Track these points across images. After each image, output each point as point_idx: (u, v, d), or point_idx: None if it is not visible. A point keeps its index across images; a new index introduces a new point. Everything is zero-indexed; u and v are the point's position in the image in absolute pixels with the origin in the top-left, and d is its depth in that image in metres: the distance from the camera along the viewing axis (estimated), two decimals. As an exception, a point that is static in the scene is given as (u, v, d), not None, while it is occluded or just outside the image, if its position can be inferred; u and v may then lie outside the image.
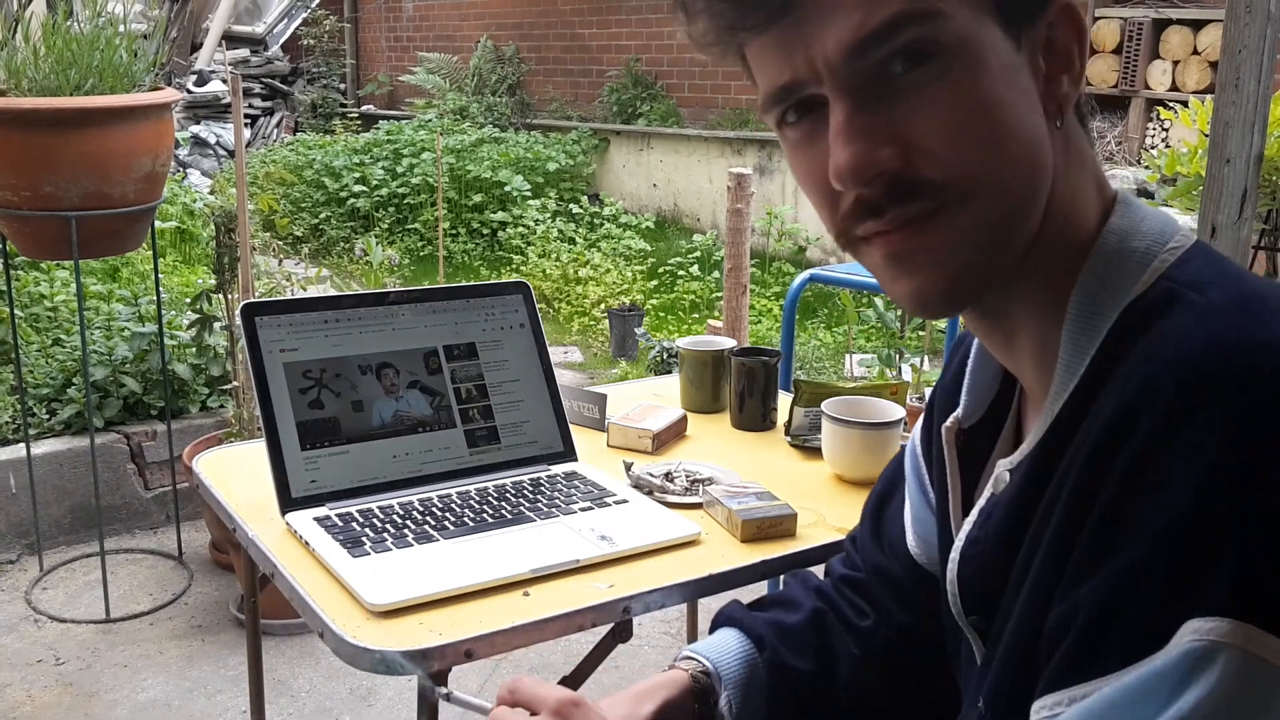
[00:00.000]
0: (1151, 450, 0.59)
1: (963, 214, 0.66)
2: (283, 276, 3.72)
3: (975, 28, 0.65)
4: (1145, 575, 0.58)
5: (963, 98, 0.65)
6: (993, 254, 0.68)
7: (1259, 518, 0.55)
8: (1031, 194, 0.67)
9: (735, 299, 3.02)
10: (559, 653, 2.51)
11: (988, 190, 0.66)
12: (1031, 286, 0.71)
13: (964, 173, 0.65)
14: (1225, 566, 0.55)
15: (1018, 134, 0.66)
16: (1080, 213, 0.70)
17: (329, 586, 1.15)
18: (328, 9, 11.08)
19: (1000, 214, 0.67)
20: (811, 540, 1.28)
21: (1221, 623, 0.55)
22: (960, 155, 0.65)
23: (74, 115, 2.41)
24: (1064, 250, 0.70)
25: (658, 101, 8.20)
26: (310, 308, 1.38)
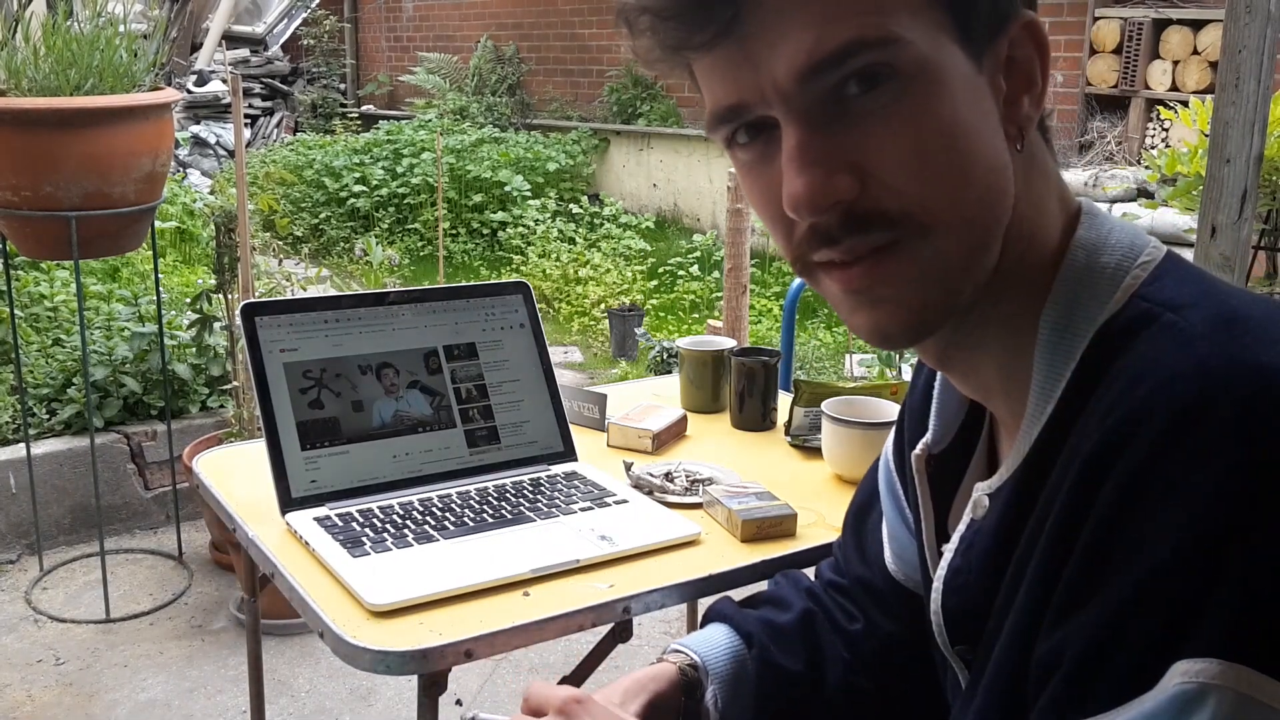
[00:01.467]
0: (1139, 484, 0.57)
1: (922, 248, 0.63)
2: (283, 276, 3.72)
3: (934, 49, 0.61)
4: (1135, 613, 0.57)
5: (922, 123, 0.62)
6: (954, 286, 0.66)
7: (1251, 556, 0.53)
8: (994, 224, 0.65)
9: (735, 299, 3.02)
10: (559, 653, 2.51)
11: (948, 223, 0.63)
12: (996, 310, 0.69)
13: (924, 205, 0.62)
14: (1216, 606, 0.54)
15: (980, 162, 0.63)
16: (1044, 230, 0.68)
17: (329, 586, 1.15)
18: (328, 9, 11.08)
19: (961, 248, 0.64)
20: (811, 540, 1.28)
21: (1211, 664, 0.54)
22: (920, 186, 0.62)
23: (74, 115, 2.41)
24: (1029, 270, 0.68)
25: (658, 101, 8.20)
26: (310, 308, 1.38)
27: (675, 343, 3.75)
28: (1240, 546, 0.53)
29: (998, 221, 0.65)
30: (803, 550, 1.26)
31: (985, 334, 0.70)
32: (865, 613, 1.00)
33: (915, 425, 0.86)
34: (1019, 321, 0.68)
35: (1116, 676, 0.57)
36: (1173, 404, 0.57)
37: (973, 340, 0.70)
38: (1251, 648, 0.53)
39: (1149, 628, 0.56)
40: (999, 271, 0.66)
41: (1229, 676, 0.53)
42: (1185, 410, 0.56)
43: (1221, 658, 0.53)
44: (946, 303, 0.66)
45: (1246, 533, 0.53)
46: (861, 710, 0.99)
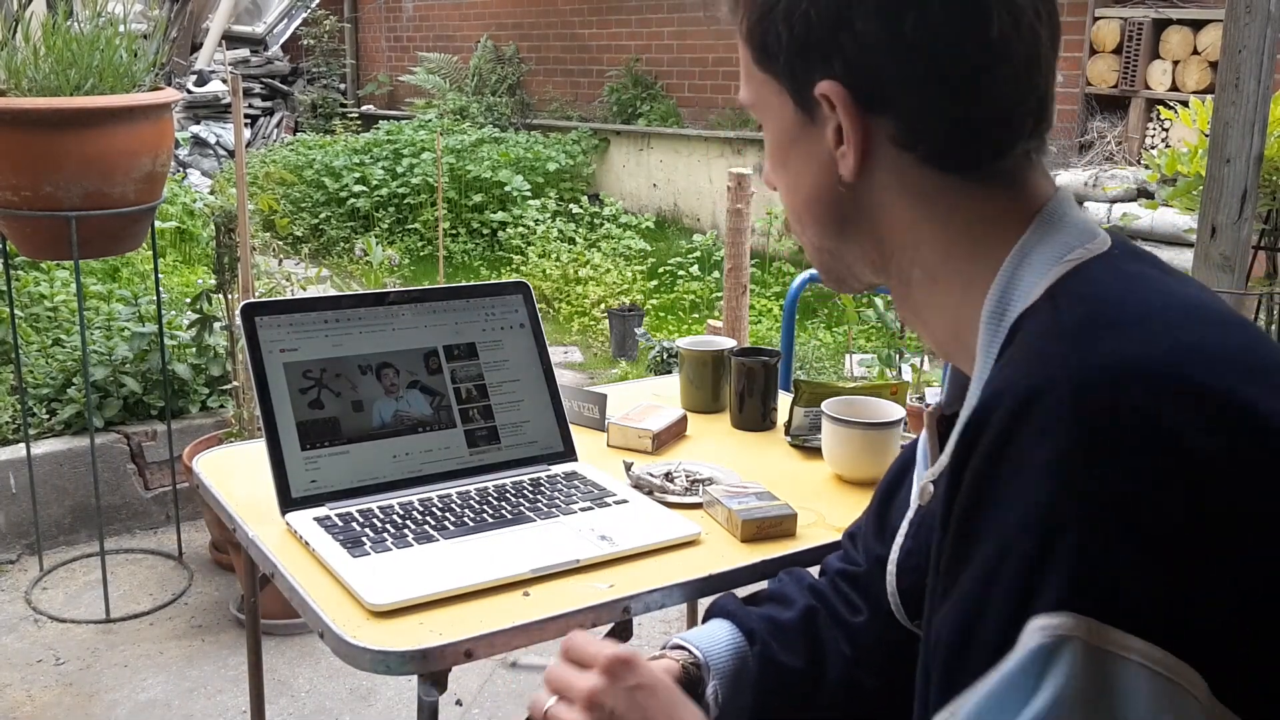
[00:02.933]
0: (988, 466, 0.64)
1: None
2: (283, 276, 3.72)
3: (767, 109, 0.83)
4: (991, 582, 0.62)
5: (767, 156, 0.86)
6: (821, 263, 0.86)
7: (1085, 519, 0.59)
8: (810, 233, 0.84)
9: (735, 299, 3.02)
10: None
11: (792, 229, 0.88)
12: (930, 297, 0.80)
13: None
14: (1061, 564, 0.59)
15: (793, 191, 0.84)
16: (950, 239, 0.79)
17: (329, 586, 1.15)
18: (328, 9, 11.08)
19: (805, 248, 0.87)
20: (811, 540, 1.28)
21: (1064, 617, 0.58)
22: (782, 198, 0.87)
23: (74, 115, 2.41)
24: (958, 269, 0.78)
25: (658, 101, 8.20)
26: (310, 308, 1.38)
27: (675, 343, 3.75)
28: (1075, 511, 0.59)
29: (818, 236, 0.84)
30: (803, 550, 1.26)
31: (919, 303, 0.81)
32: (876, 598, 1.01)
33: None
34: (965, 312, 0.77)
35: (983, 645, 0.62)
36: (1019, 391, 0.64)
37: (913, 313, 0.83)
38: (1094, 601, 0.58)
39: (1004, 594, 0.61)
40: (885, 266, 0.81)
41: (1080, 628, 0.58)
42: (1029, 396, 0.63)
43: (1071, 610, 0.58)
44: (827, 277, 0.88)
45: (1080, 499, 0.59)
46: (862, 705, 1.00)
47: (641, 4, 8.36)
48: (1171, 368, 0.63)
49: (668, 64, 8.26)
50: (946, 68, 0.73)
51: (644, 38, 8.41)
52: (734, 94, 8.05)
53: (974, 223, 0.77)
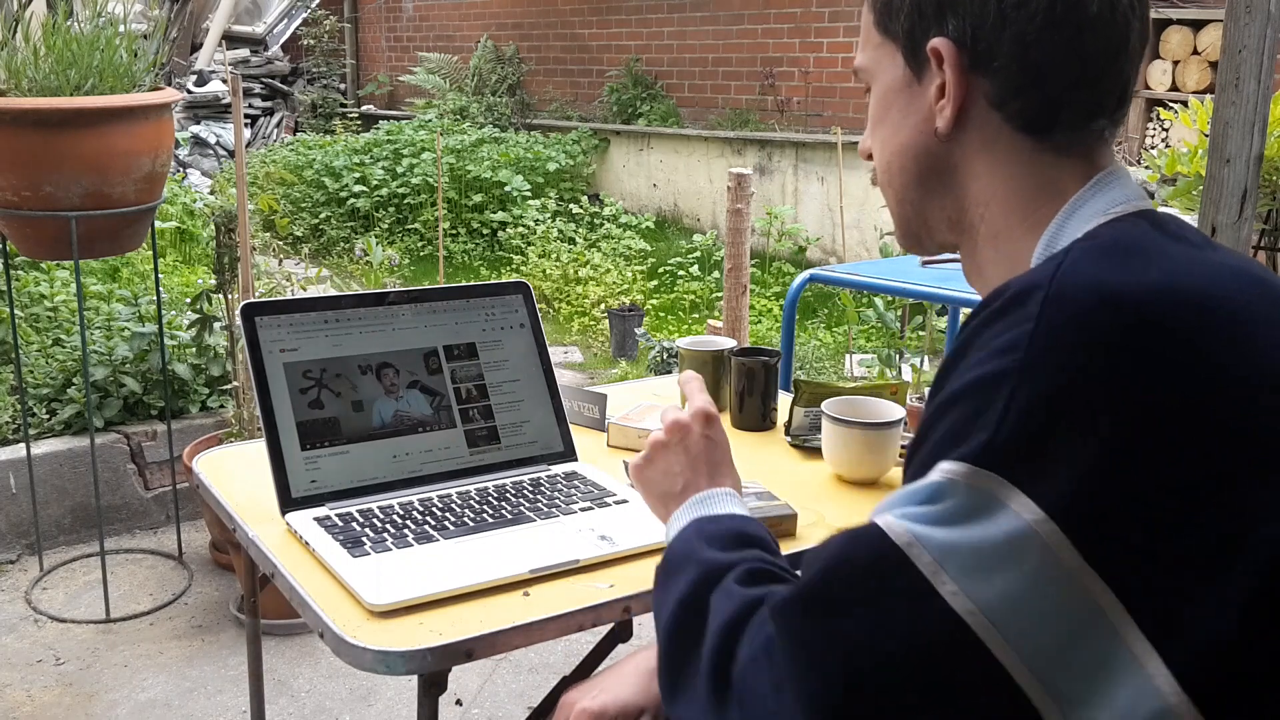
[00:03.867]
0: (971, 335, 0.76)
1: None
2: (283, 276, 3.72)
3: (878, 69, 0.92)
4: (931, 428, 0.75)
5: (870, 114, 0.96)
6: (901, 216, 0.95)
7: (1017, 396, 0.70)
8: (898, 186, 0.93)
9: (735, 299, 3.02)
10: (559, 653, 2.51)
11: (879, 184, 0.96)
12: (991, 252, 0.90)
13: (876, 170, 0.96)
14: (982, 426, 0.70)
15: (886, 144, 0.93)
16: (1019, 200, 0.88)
17: (329, 586, 1.15)
18: (328, 9, 11.08)
19: (887, 199, 0.96)
20: (811, 540, 1.28)
21: (961, 466, 0.70)
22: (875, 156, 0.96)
23: (74, 115, 2.41)
24: (1012, 228, 0.88)
25: (658, 101, 8.20)
26: (310, 308, 1.38)
27: (675, 343, 3.75)
28: (1008, 388, 0.70)
29: (905, 187, 0.93)
30: (803, 550, 1.26)
31: (983, 263, 0.91)
32: None
33: None
34: (1020, 267, 0.84)
35: (914, 468, 0.75)
36: (1015, 286, 0.75)
37: (978, 271, 0.92)
38: (1002, 460, 0.69)
39: (937, 436, 0.74)
40: (960, 223, 0.91)
41: (971, 476, 0.70)
42: (1020, 291, 0.74)
43: (971, 463, 0.70)
44: (903, 232, 0.97)
45: (1017, 378, 0.70)
46: None
47: (641, 4, 8.36)
48: (1140, 303, 0.71)
49: (668, 64, 8.26)
50: (1047, 37, 0.82)
51: (644, 38, 8.41)
52: (734, 94, 8.05)
53: (1042, 186, 0.86)
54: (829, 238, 6.59)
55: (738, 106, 7.69)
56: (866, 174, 6.33)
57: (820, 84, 7.23)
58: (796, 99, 7.34)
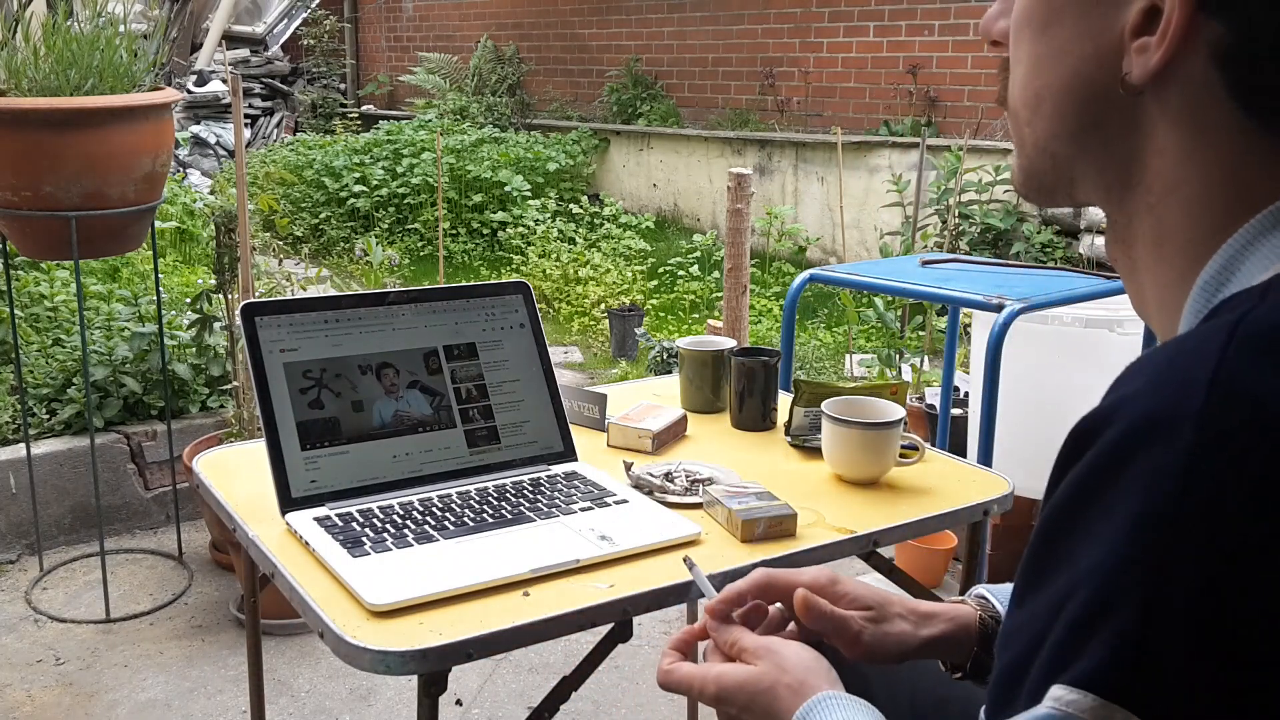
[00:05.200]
0: (1089, 482, 0.56)
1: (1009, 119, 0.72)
2: (283, 276, 3.72)
3: None
4: (1042, 627, 0.56)
5: (1015, 12, 0.69)
6: (1028, 166, 0.71)
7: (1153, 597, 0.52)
8: (1046, 134, 0.69)
9: (735, 299, 3.02)
10: (559, 653, 2.51)
11: (1011, 110, 0.71)
12: (1144, 238, 0.66)
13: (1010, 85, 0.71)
14: (1104, 637, 0.52)
15: (1041, 72, 0.68)
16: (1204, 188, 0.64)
17: (329, 586, 1.15)
18: (328, 9, 11.09)
19: (1017, 136, 0.71)
20: (811, 540, 1.28)
21: (1083, 696, 0.53)
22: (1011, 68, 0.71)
23: (74, 115, 2.41)
24: (1185, 215, 0.64)
25: (658, 101, 8.20)
26: (310, 308, 1.38)
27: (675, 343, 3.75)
28: (1140, 587, 0.52)
29: (1053, 135, 0.68)
30: (803, 550, 1.26)
31: (1137, 256, 0.68)
32: None
33: None
34: (1186, 283, 0.63)
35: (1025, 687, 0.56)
36: (1144, 409, 0.54)
37: (1127, 257, 0.69)
38: (1128, 686, 0.52)
39: (1049, 645, 0.55)
40: (1119, 198, 0.67)
41: (1096, 712, 0.52)
42: (1151, 422, 0.53)
43: (1094, 692, 0.52)
44: (1028, 182, 0.72)
45: (1150, 575, 0.52)
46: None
47: (641, 4, 8.36)
48: None
49: (668, 64, 8.26)
50: None
51: (644, 38, 8.41)
52: (734, 94, 8.04)
53: (1246, 185, 0.61)
54: (829, 238, 6.59)
55: (738, 106, 7.70)
56: (866, 174, 6.34)
57: (820, 84, 7.23)
58: (796, 99, 7.34)
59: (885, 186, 5.62)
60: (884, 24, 6.82)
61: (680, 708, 2.31)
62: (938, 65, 6.58)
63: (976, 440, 2.17)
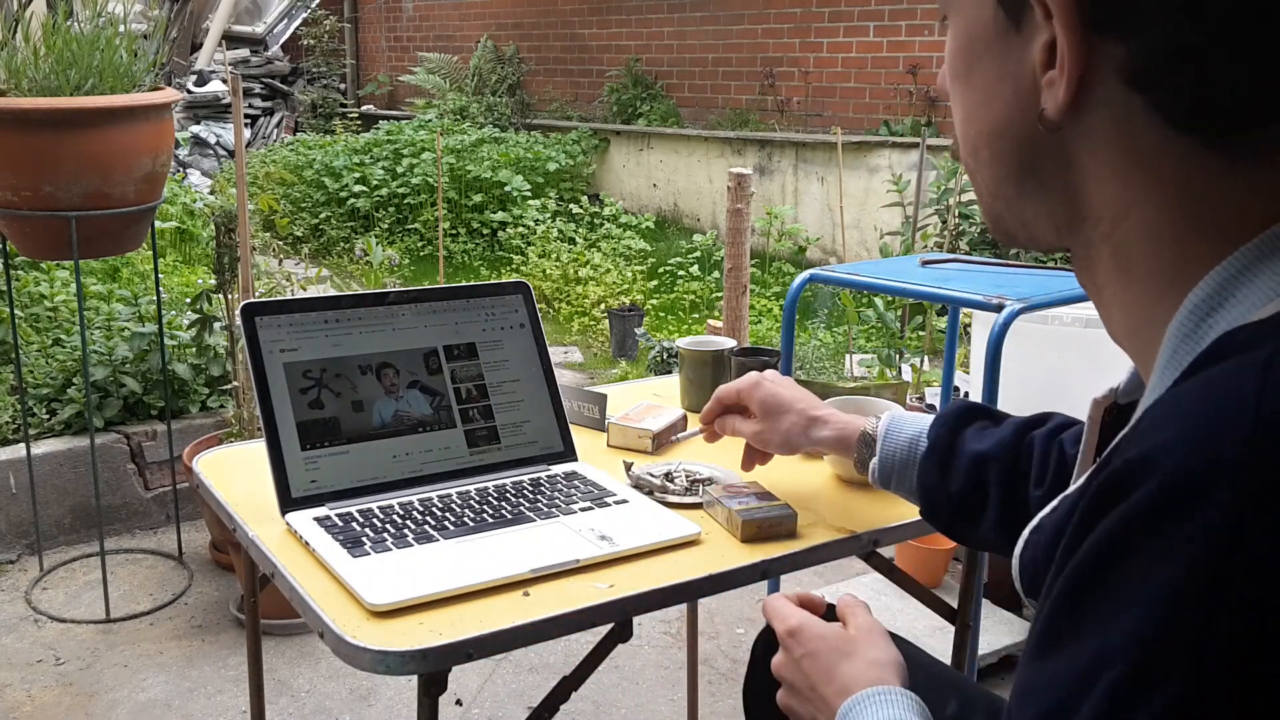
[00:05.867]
0: (1118, 540, 0.52)
1: None
2: (283, 276, 3.72)
3: (963, 7, 0.67)
4: (1078, 695, 0.52)
5: (948, 63, 0.70)
6: (988, 208, 0.71)
7: (1192, 675, 0.49)
8: (988, 175, 0.69)
9: (735, 299, 3.02)
10: (559, 653, 2.51)
11: (962, 158, 0.71)
12: (1100, 270, 0.65)
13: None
14: (1152, 711, 0.49)
15: (973, 117, 0.68)
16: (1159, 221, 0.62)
17: (329, 586, 1.15)
18: (328, 9, 11.09)
19: (973, 179, 0.71)
20: (811, 540, 1.28)
21: None
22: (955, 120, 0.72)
23: (74, 115, 2.41)
24: (1144, 248, 0.62)
25: (658, 101, 8.20)
26: (310, 308, 1.38)
27: (675, 343, 3.75)
28: (1182, 662, 0.49)
29: (996, 180, 0.68)
30: (803, 550, 1.26)
31: (1101, 284, 0.66)
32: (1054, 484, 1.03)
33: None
34: (1157, 311, 0.61)
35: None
36: (1180, 463, 0.51)
37: (1093, 284, 0.67)
38: None
39: (1088, 716, 0.52)
40: (1074, 231, 0.65)
41: None
42: (1188, 480, 0.50)
43: None
44: (994, 225, 0.72)
45: (1191, 649, 0.49)
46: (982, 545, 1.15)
47: (641, 4, 8.36)
48: None
49: (668, 64, 8.26)
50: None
51: (644, 38, 8.41)
52: (734, 94, 8.05)
53: (1201, 204, 0.59)
54: (829, 238, 6.59)
55: (738, 106, 7.70)
56: (867, 174, 6.34)
57: (820, 84, 7.23)
58: (796, 99, 7.34)
59: (885, 186, 5.62)
60: (884, 24, 6.82)
61: (680, 708, 2.31)
62: (938, 65, 6.54)
63: (976, 440, 2.17)
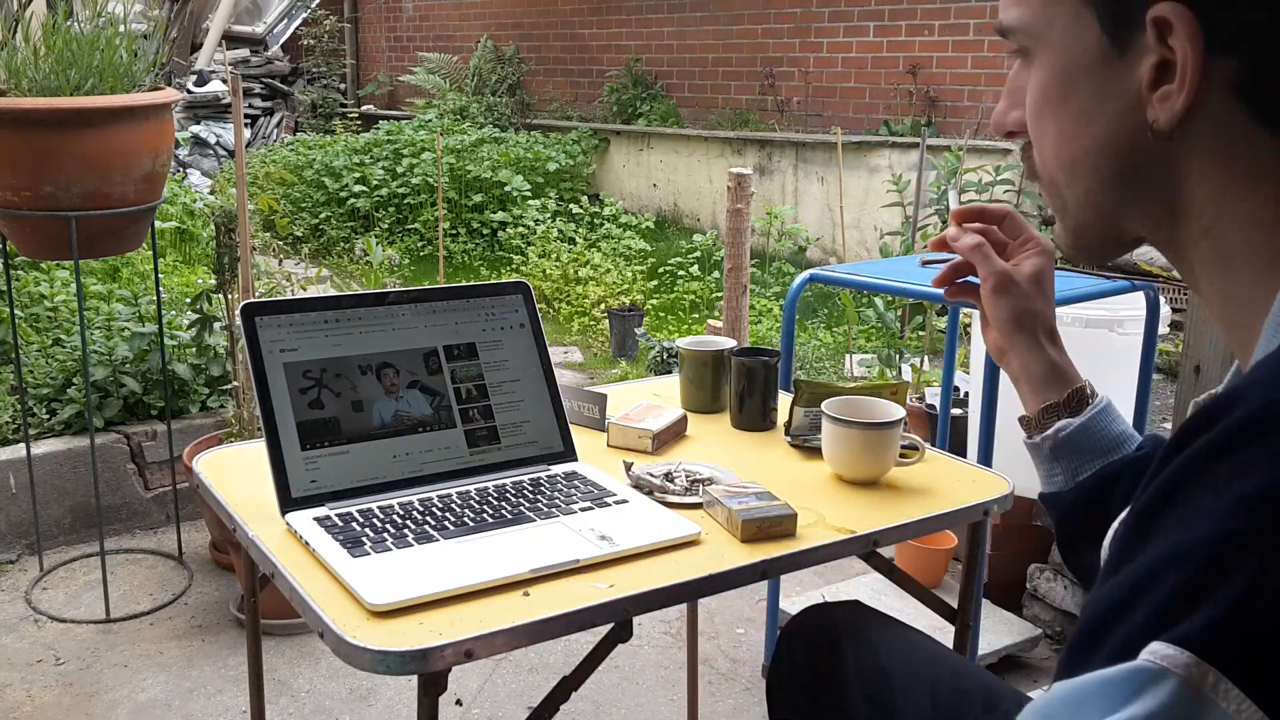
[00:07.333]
0: (1199, 462, 0.58)
1: (1044, 191, 0.78)
2: (283, 276, 3.72)
3: (1050, 34, 0.72)
4: (1144, 589, 0.57)
5: (1033, 94, 0.75)
6: (1074, 228, 0.76)
7: (1257, 575, 0.53)
8: (1083, 192, 0.74)
9: (735, 299, 3.02)
10: (559, 653, 2.51)
11: (1044, 180, 0.76)
12: (1204, 276, 0.70)
13: (1038, 156, 0.77)
14: (1209, 606, 0.54)
15: (1071, 137, 0.73)
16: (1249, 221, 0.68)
17: (329, 586, 1.15)
18: (328, 9, 11.09)
19: (1054, 202, 0.77)
20: (811, 540, 1.28)
21: (1179, 653, 0.54)
22: (1035, 141, 0.76)
23: (74, 115, 2.41)
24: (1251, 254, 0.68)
25: (658, 101, 8.20)
26: (310, 308, 1.38)
27: (675, 343, 3.75)
28: (1249, 563, 0.54)
29: (1092, 191, 0.73)
30: (803, 550, 1.26)
31: (1199, 275, 0.72)
32: None
33: None
34: (1259, 295, 0.67)
35: (1108, 644, 0.58)
36: (1261, 396, 0.57)
37: (1191, 275, 0.73)
38: (1226, 650, 0.54)
39: (1149, 606, 0.57)
40: (1170, 231, 0.71)
41: (1193, 671, 0.54)
42: (1266, 408, 0.56)
43: (1192, 651, 0.54)
44: (1077, 241, 0.77)
45: (1260, 554, 0.54)
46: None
47: (641, 4, 8.36)
48: None
49: (668, 64, 8.26)
50: None
51: (644, 38, 8.41)
52: (734, 94, 8.06)
53: (1244, 202, 0.67)
54: (829, 238, 6.59)
55: (738, 106, 7.70)
56: (866, 174, 6.34)
57: (820, 84, 7.23)
58: (796, 99, 7.34)
59: (885, 186, 5.62)
60: (884, 24, 6.82)
61: (680, 708, 2.31)
62: (938, 65, 6.58)
63: (976, 440, 2.17)
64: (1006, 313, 1.08)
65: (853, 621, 1.28)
